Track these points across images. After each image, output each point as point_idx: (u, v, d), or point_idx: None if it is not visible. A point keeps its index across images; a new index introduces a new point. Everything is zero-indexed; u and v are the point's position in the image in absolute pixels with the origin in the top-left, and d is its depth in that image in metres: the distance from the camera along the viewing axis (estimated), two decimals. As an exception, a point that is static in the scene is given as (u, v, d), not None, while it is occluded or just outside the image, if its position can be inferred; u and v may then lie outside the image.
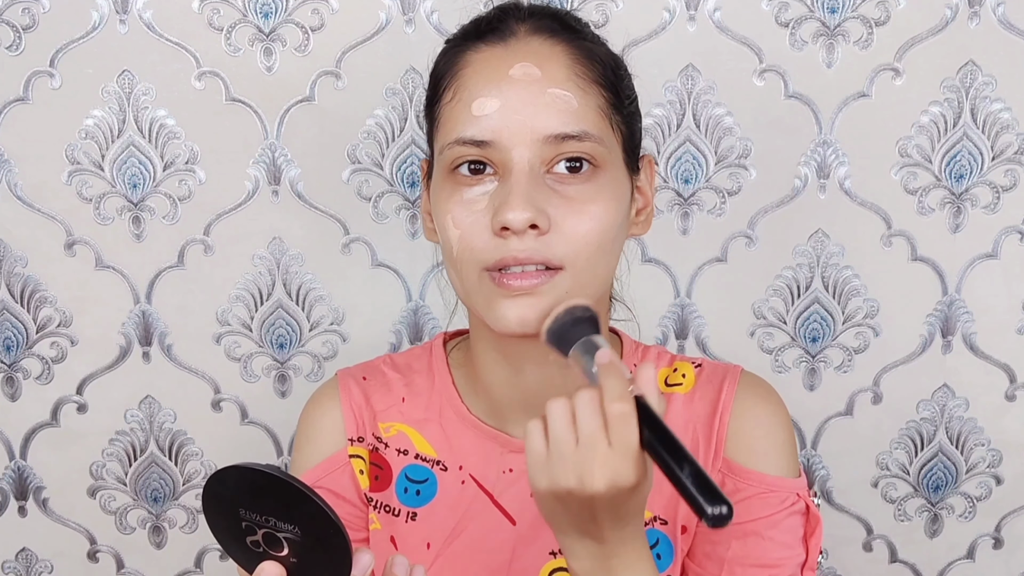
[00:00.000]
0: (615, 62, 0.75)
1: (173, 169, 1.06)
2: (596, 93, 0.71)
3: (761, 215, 1.08)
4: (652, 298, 1.10)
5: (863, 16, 1.03)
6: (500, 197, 0.68)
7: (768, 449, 0.78)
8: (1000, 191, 1.08)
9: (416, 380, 0.84)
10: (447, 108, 0.72)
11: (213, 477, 0.56)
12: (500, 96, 0.69)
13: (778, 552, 0.75)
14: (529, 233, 0.68)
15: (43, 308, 1.10)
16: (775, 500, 0.76)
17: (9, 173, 1.06)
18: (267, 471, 0.54)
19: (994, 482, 1.16)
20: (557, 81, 0.69)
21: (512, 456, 0.79)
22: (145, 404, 1.13)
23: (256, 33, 1.03)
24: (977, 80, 1.04)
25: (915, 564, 1.18)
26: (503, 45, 0.71)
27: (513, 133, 0.68)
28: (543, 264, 0.68)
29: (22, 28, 1.03)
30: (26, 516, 1.16)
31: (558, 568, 0.78)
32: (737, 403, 0.79)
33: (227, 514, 0.57)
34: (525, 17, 0.73)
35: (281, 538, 0.56)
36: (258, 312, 1.10)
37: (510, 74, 0.69)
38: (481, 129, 0.69)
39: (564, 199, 0.69)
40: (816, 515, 0.77)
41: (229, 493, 0.56)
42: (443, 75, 0.74)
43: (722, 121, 1.06)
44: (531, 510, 0.78)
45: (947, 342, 1.11)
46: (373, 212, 1.08)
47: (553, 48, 0.71)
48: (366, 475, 0.82)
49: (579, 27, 0.75)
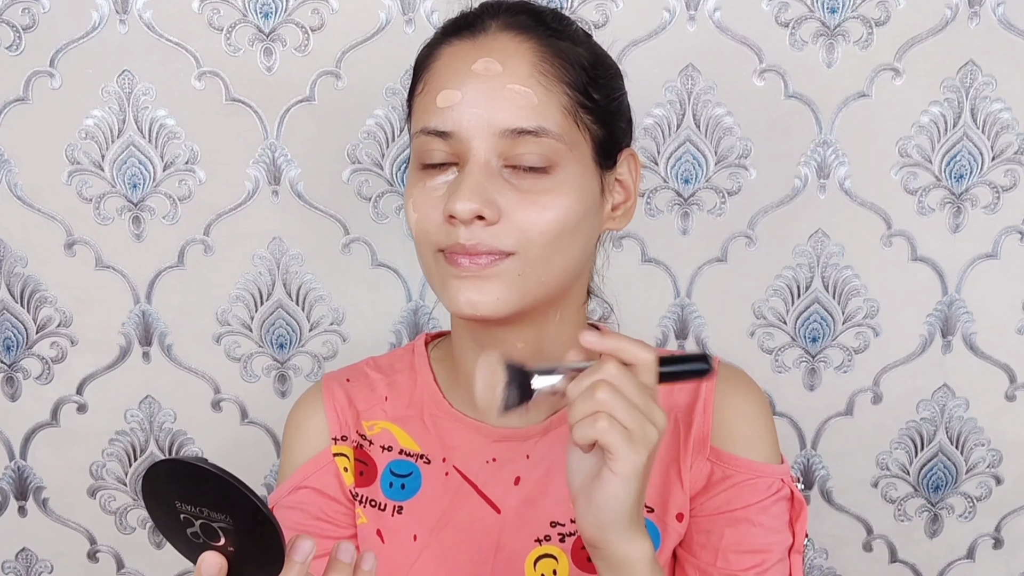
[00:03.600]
0: (593, 61, 0.75)
1: (173, 169, 1.06)
2: (560, 92, 0.72)
3: (761, 215, 1.08)
4: (652, 298, 1.10)
5: (863, 16, 1.03)
6: (454, 185, 0.71)
7: (752, 437, 0.80)
8: (1000, 191, 1.08)
9: (398, 379, 0.87)
10: (418, 99, 0.75)
11: (146, 473, 0.58)
12: (462, 89, 0.71)
13: (768, 537, 0.78)
14: (476, 223, 0.70)
15: (43, 308, 1.10)
16: (763, 486, 0.78)
17: (9, 173, 1.06)
18: (193, 462, 0.56)
19: (994, 482, 1.16)
20: (519, 77, 0.71)
21: (495, 446, 0.81)
22: (145, 404, 1.13)
23: (256, 33, 1.03)
24: (977, 80, 1.04)
25: (915, 564, 1.18)
26: (472, 40, 0.73)
27: (472, 125, 0.70)
28: (489, 254, 0.71)
29: (22, 28, 1.03)
30: (26, 516, 1.16)
31: (544, 554, 0.80)
32: (718, 393, 0.81)
33: (165, 508, 0.58)
34: (499, 13, 0.74)
35: (217, 528, 0.57)
36: (258, 312, 1.10)
37: (472, 68, 0.71)
38: (443, 120, 0.71)
39: (519, 192, 0.71)
40: (800, 499, 0.80)
41: (164, 487, 0.58)
42: (419, 68, 0.77)
43: (722, 121, 1.06)
44: (515, 498, 0.80)
45: (947, 342, 1.11)
46: (373, 212, 1.08)
47: (520, 45, 0.72)
48: (351, 472, 0.84)
49: (557, 25, 0.75)
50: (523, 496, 0.80)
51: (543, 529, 0.80)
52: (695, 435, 0.80)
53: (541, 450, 0.80)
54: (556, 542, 0.79)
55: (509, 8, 0.75)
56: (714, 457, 0.79)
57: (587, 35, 0.78)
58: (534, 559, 0.80)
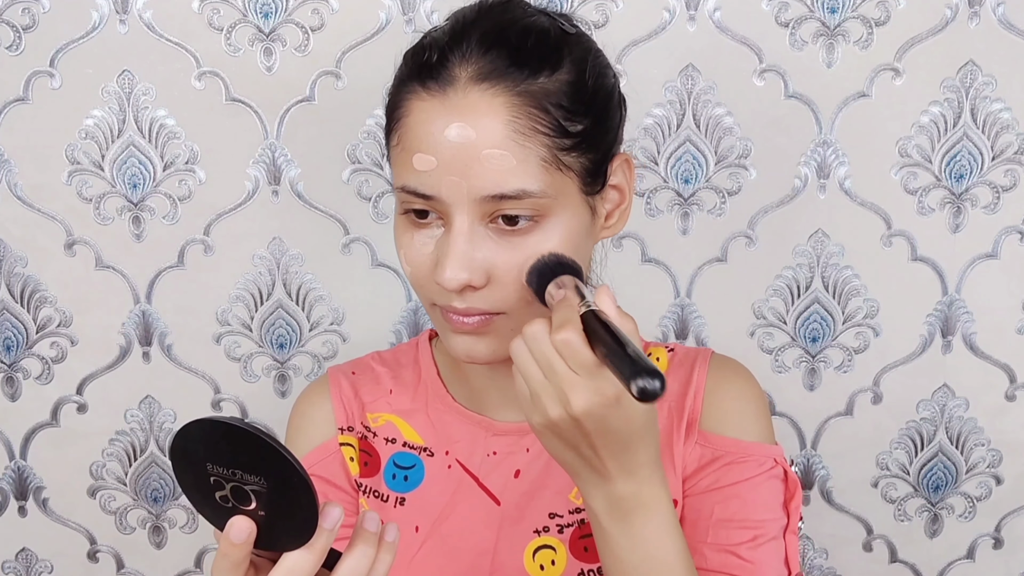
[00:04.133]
0: (573, 83, 0.71)
1: (173, 169, 1.06)
2: (539, 144, 0.68)
3: (761, 215, 1.08)
4: (652, 298, 1.10)
5: (863, 16, 1.03)
6: (441, 249, 0.70)
7: (742, 418, 0.81)
8: (1000, 191, 1.08)
9: (403, 373, 0.88)
10: (395, 151, 0.73)
11: (179, 433, 0.56)
12: (437, 155, 0.69)
13: (760, 513, 0.77)
14: (467, 290, 0.70)
15: (43, 308, 1.10)
16: (753, 464, 0.78)
17: (9, 173, 1.06)
18: (231, 422, 0.55)
19: (994, 482, 1.16)
20: (494, 141, 0.68)
21: (495, 439, 0.82)
22: (145, 404, 1.13)
23: (256, 33, 1.03)
24: (977, 80, 1.04)
25: (915, 564, 1.18)
26: (442, 97, 0.69)
27: (451, 192, 0.69)
28: (481, 314, 0.71)
29: (22, 28, 1.03)
30: (26, 516, 1.16)
31: (543, 545, 0.80)
32: (710, 380, 0.82)
33: (195, 470, 0.57)
34: (469, 57, 0.69)
35: (249, 491, 0.56)
36: (258, 312, 1.10)
37: (445, 135, 0.68)
38: (422, 183, 0.70)
39: (506, 249, 0.70)
40: (795, 480, 0.79)
41: (195, 448, 0.56)
42: (391, 115, 0.74)
43: (722, 121, 1.06)
44: (515, 490, 0.81)
45: (947, 342, 1.11)
46: (373, 212, 1.08)
47: (492, 101, 0.68)
48: (356, 462, 0.85)
49: (532, 55, 0.70)
50: (523, 489, 0.81)
51: (542, 520, 0.80)
52: (687, 420, 0.80)
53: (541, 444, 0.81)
54: (555, 533, 0.80)
55: (479, 44, 0.70)
56: (703, 440, 0.80)
57: (564, 39, 0.73)
58: (533, 550, 0.80)
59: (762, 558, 0.75)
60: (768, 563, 0.76)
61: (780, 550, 0.77)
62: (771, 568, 0.76)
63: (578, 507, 0.80)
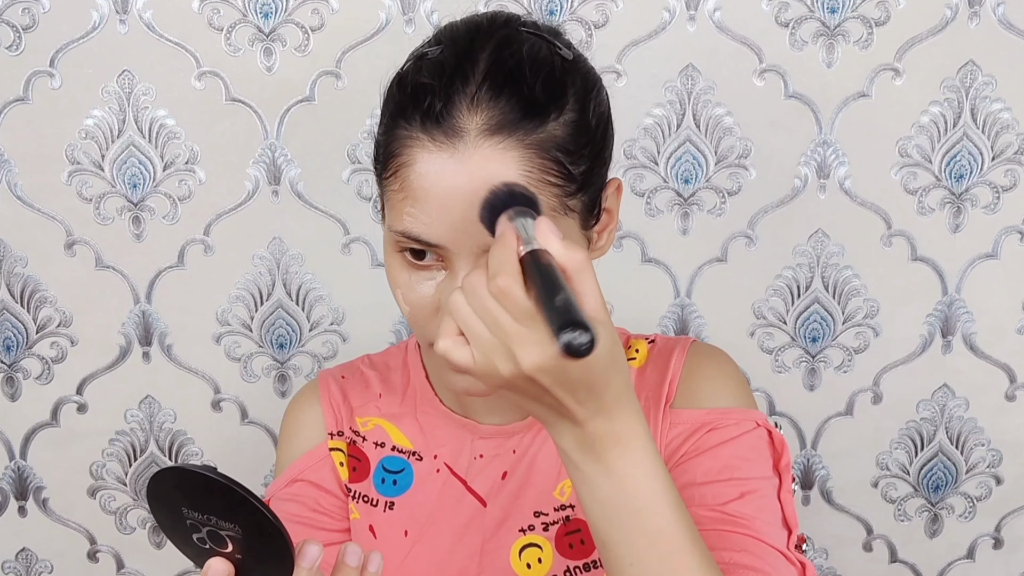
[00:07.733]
0: (575, 122, 0.69)
1: (173, 169, 1.06)
2: (549, 195, 0.67)
3: (761, 215, 1.08)
4: (652, 298, 1.10)
5: (863, 16, 1.03)
6: (444, 293, 0.68)
7: (715, 389, 0.79)
8: (1000, 191, 1.08)
9: (392, 377, 0.88)
10: (395, 195, 0.69)
11: (154, 478, 0.57)
12: (444, 209, 0.66)
13: (746, 471, 0.74)
14: None
15: (43, 308, 1.10)
16: (732, 427, 0.76)
17: (9, 173, 1.06)
18: (204, 473, 0.54)
19: (994, 482, 1.16)
20: None
21: (481, 442, 0.82)
22: (145, 404, 1.13)
23: (256, 33, 1.03)
24: (977, 80, 1.04)
25: (915, 564, 1.18)
26: (451, 150, 0.65)
27: (458, 243, 0.67)
28: None
29: (22, 28, 1.03)
30: (26, 516, 1.16)
31: (529, 544, 0.81)
32: (686, 366, 0.81)
33: (171, 515, 0.58)
34: (478, 105, 0.66)
35: (224, 536, 0.57)
36: (258, 312, 1.10)
37: (456, 193, 0.65)
38: (425, 233, 0.67)
39: None
40: (780, 439, 0.77)
41: (170, 493, 0.57)
42: (389, 154, 0.69)
43: (722, 121, 1.06)
44: (500, 492, 0.81)
45: (947, 342, 1.11)
46: (373, 212, 1.08)
47: (504, 155, 0.65)
48: (346, 467, 0.85)
49: (541, 102, 0.67)
50: (509, 490, 0.81)
51: (527, 519, 0.81)
52: (663, 406, 0.79)
53: (526, 444, 0.81)
54: (540, 531, 0.80)
55: (488, 90, 0.66)
56: (675, 419, 0.78)
57: (564, 69, 0.70)
58: (519, 548, 0.81)
59: (755, 514, 0.73)
60: (763, 519, 0.73)
61: (776, 511, 0.75)
62: (767, 525, 0.73)
63: (563, 504, 0.80)
